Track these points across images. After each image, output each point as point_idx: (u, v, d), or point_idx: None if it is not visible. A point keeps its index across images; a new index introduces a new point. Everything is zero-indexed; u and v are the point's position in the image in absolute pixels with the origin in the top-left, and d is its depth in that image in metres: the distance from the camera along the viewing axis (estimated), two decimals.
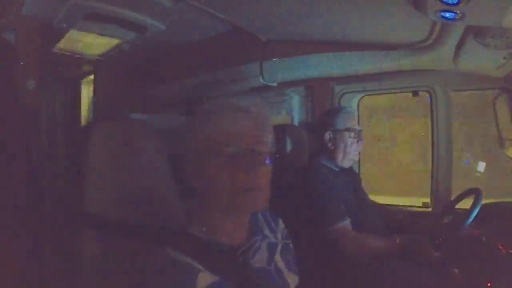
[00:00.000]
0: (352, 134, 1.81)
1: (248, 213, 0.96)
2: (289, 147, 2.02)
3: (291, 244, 1.07)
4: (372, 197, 2.06)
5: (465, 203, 1.69)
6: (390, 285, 1.54)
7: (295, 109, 2.61)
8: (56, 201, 1.17)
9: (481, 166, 2.26)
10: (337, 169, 1.83)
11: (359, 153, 1.90)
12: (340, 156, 1.81)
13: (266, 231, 1.02)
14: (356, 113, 2.44)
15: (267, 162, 0.88)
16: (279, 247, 1.02)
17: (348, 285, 1.59)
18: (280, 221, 1.09)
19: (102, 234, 1.01)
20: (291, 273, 1.01)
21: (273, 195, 0.91)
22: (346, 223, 1.65)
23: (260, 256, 0.95)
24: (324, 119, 1.88)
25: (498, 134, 2.04)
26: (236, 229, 0.92)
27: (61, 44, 2.24)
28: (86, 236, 1.02)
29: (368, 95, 2.53)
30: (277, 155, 0.91)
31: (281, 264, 0.99)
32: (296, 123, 2.56)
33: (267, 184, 0.89)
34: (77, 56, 2.42)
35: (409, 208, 2.33)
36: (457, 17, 1.34)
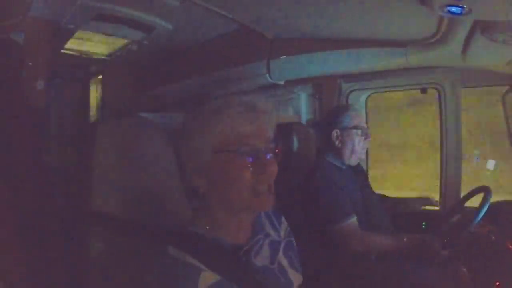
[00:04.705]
0: (359, 132, 1.80)
1: (257, 213, 0.96)
2: (296, 145, 2.02)
3: (294, 242, 1.07)
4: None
5: (474, 202, 1.67)
6: (397, 284, 1.53)
7: (302, 107, 2.60)
8: (65, 200, 1.19)
9: (491, 164, 2.24)
10: (344, 167, 1.83)
11: (366, 151, 1.89)
12: (347, 154, 1.81)
13: (269, 229, 1.01)
14: (363, 111, 2.43)
15: (276, 160, 0.89)
16: (282, 246, 1.02)
17: (354, 283, 1.58)
18: (283, 219, 1.08)
19: (107, 233, 1.02)
20: (294, 271, 1.00)
21: (280, 193, 0.91)
22: (353, 221, 1.65)
23: (263, 255, 0.95)
24: (331, 117, 1.88)
25: (508, 131, 2.01)
26: (241, 228, 0.92)
27: (69, 45, 2.26)
28: (92, 234, 1.03)
29: (376, 92, 2.51)
30: (283, 154, 0.92)
31: (284, 262, 0.99)
32: (303, 121, 2.56)
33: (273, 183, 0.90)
34: (85, 56, 2.44)
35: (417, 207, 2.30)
36: (463, 12, 1.33)
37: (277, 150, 0.90)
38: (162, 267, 0.83)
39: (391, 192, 2.22)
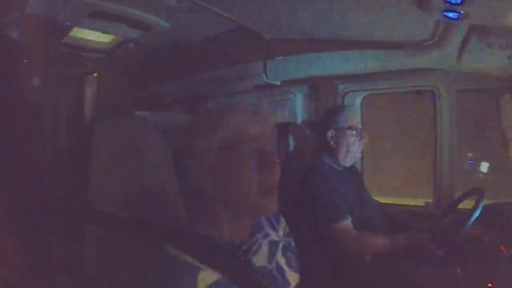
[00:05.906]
0: (354, 133, 1.81)
1: (262, 216, 0.97)
2: (291, 145, 2.02)
3: (292, 242, 1.07)
4: (374, 196, 2.06)
5: (468, 203, 1.69)
6: (391, 284, 1.55)
7: (298, 108, 2.61)
8: (61, 199, 1.18)
9: (484, 166, 2.26)
10: (339, 168, 1.83)
11: (361, 152, 1.90)
12: (342, 155, 1.82)
13: (268, 229, 1.02)
14: (358, 112, 2.44)
15: (277, 162, 0.89)
16: (280, 246, 1.02)
17: (349, 284, 1.59)
18: (282, 219, 1.09)
19: (105, 232, 1.02)
20: (292, 271, 1.01)
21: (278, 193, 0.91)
22: (348, 221, 1.66)
23: (261, 254, 0.96)
24: (326, 117, 1.88)
25: (502, 134, 2.03)
26: (241, 228, 0.93)
27: (66, 42, 2.24)
28: (90, 233, 1.03)
29: (372, 94, 2.52)
30: (283, 156, 0.92)
31: (282, 262, 1.00)
32: (299, 121, 2.56)
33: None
34: (81, 53, 2.42)
35: (411, 208, 2.33)
36: (461, 17, 1.34)
37: (277, 159, 0.90)
38: (161, 266, 0.83)
39: None
